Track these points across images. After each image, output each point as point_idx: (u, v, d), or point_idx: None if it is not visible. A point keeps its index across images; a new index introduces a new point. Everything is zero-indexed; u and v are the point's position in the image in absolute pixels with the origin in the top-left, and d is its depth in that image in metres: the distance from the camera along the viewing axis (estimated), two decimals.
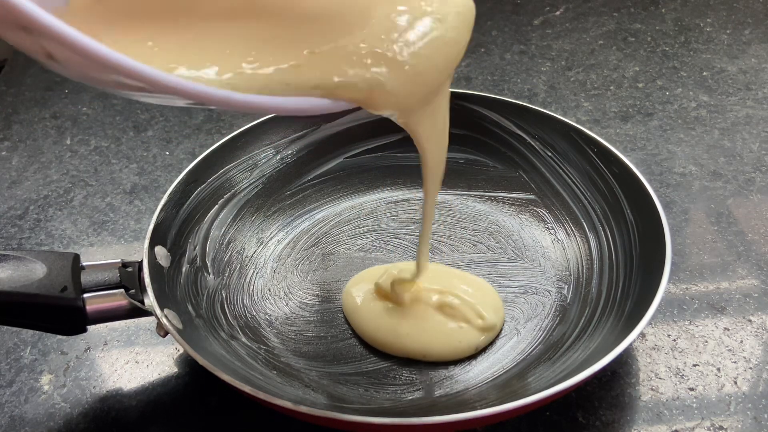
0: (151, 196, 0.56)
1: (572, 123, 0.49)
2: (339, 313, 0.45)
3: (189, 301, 0.42)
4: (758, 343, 0.42)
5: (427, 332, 0.42)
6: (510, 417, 0.37)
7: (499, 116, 0.52)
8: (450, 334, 0.42)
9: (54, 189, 0.57)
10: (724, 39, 0.72)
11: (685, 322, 0.43)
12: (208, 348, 0.38)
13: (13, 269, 0.35)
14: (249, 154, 0.50)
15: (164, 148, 0.61)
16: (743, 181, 0.54)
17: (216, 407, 0.39)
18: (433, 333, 0.42)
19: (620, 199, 0.45)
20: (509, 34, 0.75)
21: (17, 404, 0.40)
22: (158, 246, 0.42)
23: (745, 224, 0.50)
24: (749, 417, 0.38)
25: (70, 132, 0.64)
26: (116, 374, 0.42)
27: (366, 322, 0.43)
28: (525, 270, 0.47)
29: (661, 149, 0.57)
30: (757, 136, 0.58)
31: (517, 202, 0.51)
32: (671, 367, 0.40)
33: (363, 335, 0.43)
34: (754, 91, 0.64)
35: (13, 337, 0.44)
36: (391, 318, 0.43)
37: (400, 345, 0.42)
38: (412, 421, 0.33)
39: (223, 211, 0.49)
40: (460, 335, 0.42)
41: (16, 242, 0.52)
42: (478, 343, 0.42)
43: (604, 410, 0.38)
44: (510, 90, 0.66)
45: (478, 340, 0.42)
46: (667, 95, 0.64)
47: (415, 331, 0.42)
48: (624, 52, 0.71)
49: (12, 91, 0.71)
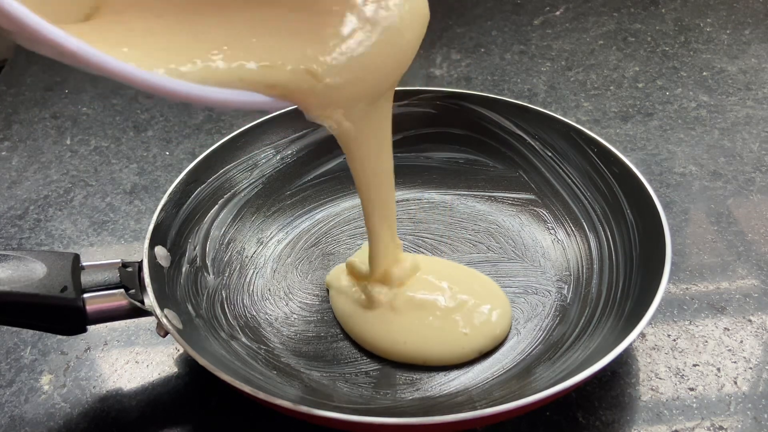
0: (151, 196, 0.56)
1: (572, 123, 0.49)
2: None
3: (189, 301, 0.42)
4: (758, 343, 0.42)
5: (428, 339, 0.41)
6: (510, 417, 0.37)
7: (499, 116, 0.52)
8: (454, 341, 0.41)
9: (54, 189, 0.57)
10: (724, 39, 0.72)
11: (685, 322, 0.43)
12: (208, 348, 0.38)
13: (13, 269, 0.35)
14: (249, 154, 0.50)
15: (164, 148, 0.61)
16: (743, 181, 0.54)
17: (216, 407, 0.39)
18: (435, 340, 0.41)
19: (620, 199, 0.45)
20: (509, 34, 0.75)
21: (17, 404, 0.40)
22: (158, 246, 0.42)
23: (745, 224, 0.50)
24: (749, 417, 0.38)
25: (70, 132, 0.64)
26: (116, 374, 0.42)
27: (362, 330, 0.42)
28: (525, 270, 0.47)
29: (661, 149, 0.57)
30: (757, 136, 0.58)
31: (517, 202, 0.51)
32: (671, 367, 0.40)
33: (360, 343, 0.42)
34: (754, 91, 0.64)
35: (13, 337, 0.44)
36: (389, 324, 0.42)
37: (400, 353, 0.41)
38: (412, 421, 0.33)
39: (223, 211, 0.49)
40: (464, 342, 0.41)
41: (16, 242, 0.52)
42: (482, 349, 0.41)
43: (604, 410, 0.38)
44: (510, 90, 0.66)
45: (482, 346, 0.41)
46: (667, 95, 0.64)
47: (416, 338, 0.41)
48: (624, 52, 0.71)
49: (12, 91, 0.71)
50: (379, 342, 0.42)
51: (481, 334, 0.41)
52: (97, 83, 0.71)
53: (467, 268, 0.47)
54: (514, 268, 0.47)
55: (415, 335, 0.41)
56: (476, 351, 0.41)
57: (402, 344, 0.41)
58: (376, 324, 0.42)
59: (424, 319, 0.42)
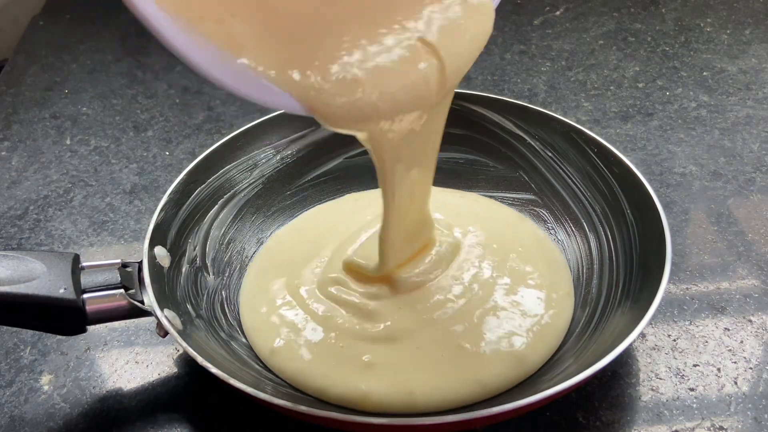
0: (151, 196, 0.56)
1: (572, 123, 0.49)
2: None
3: (189, 301, 0.42)
4: (758, 343, 0.42)
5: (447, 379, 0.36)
6: (510, 417, 0.37)
7: (499, 116, 0.52)
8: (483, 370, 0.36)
9: (54, 189, 0.57)
10: (724, 39, 0.72)
11: (685, 322, 0.43)
12: (208, 348, 0.38)
13: (13, 269, 0.35)
14: (249, 154, 0.50)
15: (164, 148, 0.61)
16: (743, 181, 0.54)
17: (216, 407, 0.39)
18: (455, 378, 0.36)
19: (620, 199, 0.45)
20: (509, 34, 0.75)
21: (17, 404, 0.40)
22: (158, 246, 0.42)
23: (745, 224, 0.50)
24: (749, 417, 0.38)
25: (70, 132, 0.64)
26: (116, 374, 0.42)
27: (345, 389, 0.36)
28: None
29: (661, 149, 0.57)
30: (757, 136, 0.58)
31: (517, 202, 0.51)
32: (671, 367, 0.40)
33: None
34: (754, 91, 0.64)
35: (13, 337, 0.44)
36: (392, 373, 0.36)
37: (414, 407, 0.35)
38: (412, 421, 0.33)
39: (223, 211, 0.49)
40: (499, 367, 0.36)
41: (16, 242, 0.52)
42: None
43: (604, 410, 0.38)
44: (510, 90, 0.66)
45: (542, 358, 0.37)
46: (667, 95, 0.64)
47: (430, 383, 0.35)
48: (624, 52, 0.71)
49: (12, 91, 0.71)
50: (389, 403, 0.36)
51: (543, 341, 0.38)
52: (96, 83, 0.71)
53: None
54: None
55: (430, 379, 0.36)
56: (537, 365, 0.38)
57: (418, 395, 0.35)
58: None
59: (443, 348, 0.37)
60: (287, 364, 0.38)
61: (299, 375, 0.37)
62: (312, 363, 0.38)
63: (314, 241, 0.46)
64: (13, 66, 0.75)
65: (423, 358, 0.37)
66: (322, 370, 0.37)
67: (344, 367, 0.37)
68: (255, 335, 0.41)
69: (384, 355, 0.37)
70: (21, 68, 0.74)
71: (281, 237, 0.49)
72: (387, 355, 0.37)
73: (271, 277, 0.44)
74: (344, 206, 0.51)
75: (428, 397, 0.35)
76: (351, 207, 0.50)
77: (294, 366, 0.38)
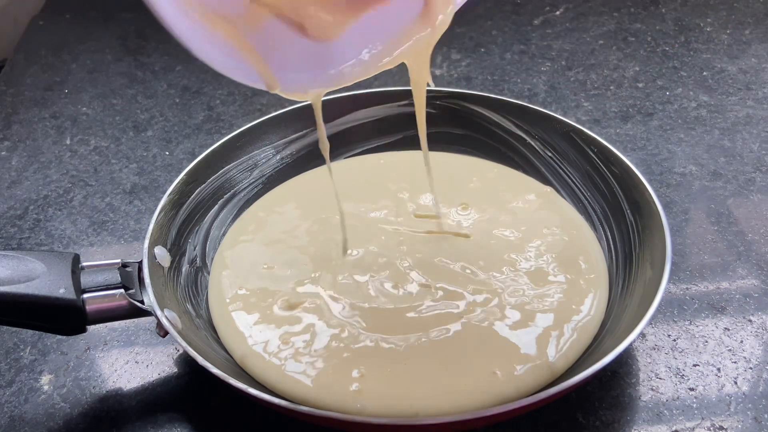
0: (151, 196, 0.56)
1: (572, 123, 0.49)
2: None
3: (189, 301, 0.42)
4: (758, 343, 0.42)
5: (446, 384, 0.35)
6: (510, 417, 0.37)
7: (499, 116, 0.52)
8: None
9: (54, 189, 0.57)
10: (724, 39, 0.72)
11: (685, 322, 0.43)
12: (208, 348, 0.38)
13: (13, 269, 0.35)
14: (249, 154, 0.50)
15: (164, 148, 0.61)
16: (743, 181, 0.54)
17: (216, 407, 0.39)
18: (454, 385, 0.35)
19: (620, 199, 0.45)
20: (509, 34, 0.75)
21: (17, 404, 0.40)
22: (158, 246, 0.42)
23: (745, 224, 0.50)
24: (749, 417, 0.38)
25: (69, 132, 0.64)
26: (116, 374, 0.42)
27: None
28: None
29: (661, 149, 0.57)
30: (757, 136, 0.58)
31: None
32: (671, 367, 0.40)
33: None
34: (754, 91, 0.64)
35: (13, 337, 0.44)
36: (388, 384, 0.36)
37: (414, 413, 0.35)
38: (412, 421, 0.33)
39: (223, 211, 0.49)
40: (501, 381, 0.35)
41: (16, 242, 0.52)
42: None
43: (604, 410, 0.38)
44: (510, 90, 0.66)
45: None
46: (667, 95, 0.64)
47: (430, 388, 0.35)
48: (624, 52, 0.71)
49: (12, 91, 0.71)
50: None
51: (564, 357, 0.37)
52: (96, 83, 0.71)
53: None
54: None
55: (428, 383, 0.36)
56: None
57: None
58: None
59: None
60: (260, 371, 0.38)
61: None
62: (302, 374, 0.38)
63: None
64: (13, 66, 0.75)
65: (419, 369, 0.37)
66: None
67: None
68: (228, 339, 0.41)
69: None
70: (21, 68, 0.74)
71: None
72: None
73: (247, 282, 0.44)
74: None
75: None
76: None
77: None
